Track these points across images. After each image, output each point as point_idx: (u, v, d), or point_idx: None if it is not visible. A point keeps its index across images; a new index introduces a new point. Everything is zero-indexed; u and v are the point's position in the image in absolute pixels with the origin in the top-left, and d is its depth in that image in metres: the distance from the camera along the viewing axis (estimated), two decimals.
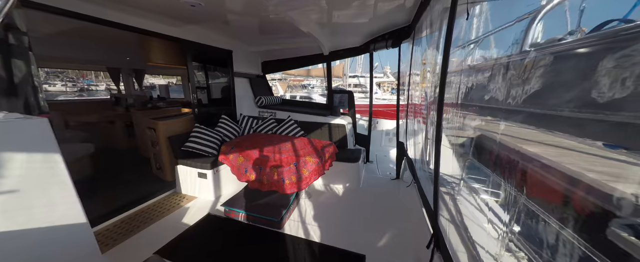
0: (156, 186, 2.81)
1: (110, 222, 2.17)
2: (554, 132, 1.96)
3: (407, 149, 2.81)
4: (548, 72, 0.99)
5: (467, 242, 1.31)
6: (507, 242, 1.28)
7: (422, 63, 2.30)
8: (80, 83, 27.97)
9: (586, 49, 0.84)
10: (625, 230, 1.76)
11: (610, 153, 2.03)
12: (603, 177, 2.25)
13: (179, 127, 3.01)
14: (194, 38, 2.91)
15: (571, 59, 0.95)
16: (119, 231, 2.05)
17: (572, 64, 0.95)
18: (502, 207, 1.69)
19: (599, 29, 0.84)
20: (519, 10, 1.44)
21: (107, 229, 2.07)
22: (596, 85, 0.74)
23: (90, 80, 30.99)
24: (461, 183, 1.95)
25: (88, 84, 28.63)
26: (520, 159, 2.11)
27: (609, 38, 0.78)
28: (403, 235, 2.02)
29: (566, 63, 0.93)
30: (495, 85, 1.41)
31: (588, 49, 0.84)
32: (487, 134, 2.04)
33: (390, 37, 3.11)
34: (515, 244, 1.32)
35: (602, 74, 0.72)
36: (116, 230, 2.07)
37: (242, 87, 4.13)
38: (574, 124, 0.89)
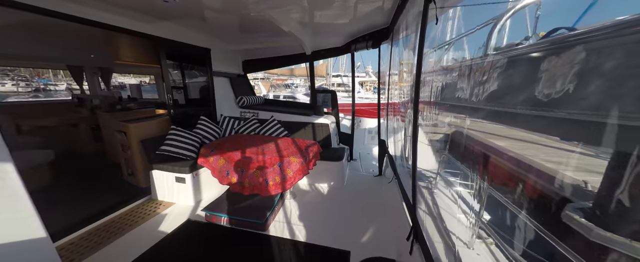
0: (128, 193, 2.62)
1: (76, 235, 1.98)
2: (517, 128, 2.15)
3: (388, 147, 2.91)
4: (505, 74, 1.09)
5: (442, 233, 1.40)
6: (477, 229, 1.39)
7: (400, 64, 2.40)
8: (36, 83, 25.13)
9: (537, 53, 0.94)
10: (577, 213, 1.98)
11: (565, 145, 2.26)
12: (559, 166, 2.50)
13: (153, 130, 2.84)
14: (168, 35, 2.75)
15: (524, 63, 1.06)
16: (86, 244, 1.89)
17: (524, 67, 1.05)
18: (473, 197, 1.83)
19: (549, 36, 0.94)
20: (487, 15, 1.56)
21: (72, 243, 1.90)
22: (540, 85, 0.84)
23: (47, 79, 27.98)
24: (438, 177, 2.08)
25: (45, 84, 25.81)
26: (490, 152, 2.29)
27: (556, 44, 0.88)
28: (385, 229, 2.10)
29: (520, 66, 1.04)
30: (463, 85, 1.52)
31: (538, 54, 0.94)
32: (459, 130, 2.19)
33: (370, 38, 3.20)
34: (485, 231, 1.43)
35: (547, 76, 0.82)
36: (83, 243, 1.90)
37: (222, 87, 3.99)
38: (523, 120, 1.00)
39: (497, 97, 1.13)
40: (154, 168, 2.58)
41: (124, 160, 2.93)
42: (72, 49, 3.65)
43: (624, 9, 0.79)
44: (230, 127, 3.60)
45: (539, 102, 0.82)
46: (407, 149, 2.52)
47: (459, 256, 1.16)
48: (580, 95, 0.73)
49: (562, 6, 1.07)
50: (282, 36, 3.54)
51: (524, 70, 0.97)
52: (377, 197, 2.73)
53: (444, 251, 1.19)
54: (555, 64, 0.77)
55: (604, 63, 0.73)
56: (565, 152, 2.54)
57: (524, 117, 1.01)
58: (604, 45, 0.70)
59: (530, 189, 2.91)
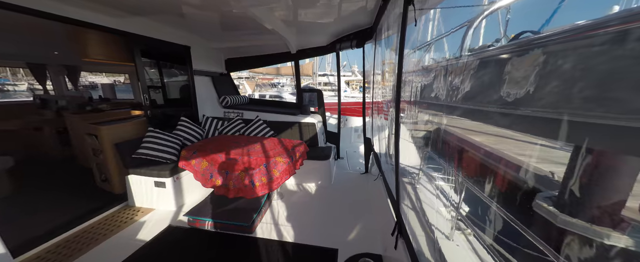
0: (102, 200, 2.45)
1: (42, 248, 1.82)
2: (490, 125, 2.27)
3: (374, 145, 2.97)
4: (477, 75, 1.16)
5: (425, 226, 1.45)
6: (456, 222, 1.47)
7: (383, 63, 2.45)
8: None
9: (504, 55, 1.01)
10: (545, 201, 2.14)
11: (536, 139, 2.41)
12: (530, 159, 2.68)
13: (128, 132, 2.67)
14: (142, 32, 2.59)
15: (493, 64, 1.13)
16: (54, 258, 1.74)
17: (493, 68, 1.12)
18: (453, 191, 1.92)
19: (516, 39, 1.01)
20: (464, 17, 1.64)
21: (38, 257, 1.74)
22: (506, 86, 0.91)
23: (4, 78, 25.41)
24: (420, 173, 2.16)
25: (2, 83, 23.40)
26: (467, 147, 2.42)
27: (521, 47, 0.94)
28: (372, 226, 2.14)
29: (490, 67, 1.11)
30: (440, 84, 1.60)
31: (505, 56, 1.01)
32: (439, 127, 2.29)
33: (355, 37, 3.23)
34: (464, 223, 1.51)
35: (511, 77, 0.88)
36: (50, 257, 1.75)
37: (203, 86, 3.84)
38: (493, 118, 1.06)
39: (471, 97, 1.20)
40: (131, 173, 2.43)
41: (95, 165, 2.73)
42: (31, 45, 3.32)
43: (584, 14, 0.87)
44: (213, 128, 3.48)
45: (505, 101, 0.88)
46: (391, 147, 2.58)
47: (439, 247, 1.22)
48: (539, 95, 0.79)
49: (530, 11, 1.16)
50: (266, 34, 3.47)
51: (493, 71, 1.04)
52: (364, 195, 2.78)
53: (426, 244, 1.24)
54: (519, 65, 0.83)
55: (559, 65, 0.80)
56: (535, 146, 2.72)
57: (494, 115, 1.08)
58: (559, 48, 0.77)
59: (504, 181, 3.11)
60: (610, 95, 0.69)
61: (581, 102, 0.74)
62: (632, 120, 0.64)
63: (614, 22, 0.67)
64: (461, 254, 1.36)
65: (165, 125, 2.89)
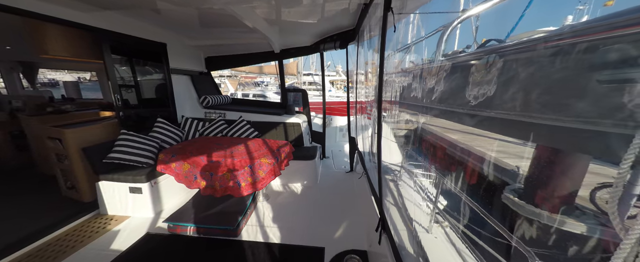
0: (69, 209, 2.25)
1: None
2: (461, 123, 2.42)
3: (358, 143, 3.04)
4: (449, 78, 1.24)
5: (406, 221, 1.52)
6: (434, 215, 1.56)
7: (366, 64, 2.51)
8: None
9: (472, 61, 1.09)
10: (512, 193, 2.34)
11: (502, 136, 2.61)
12: (499, 155, 2.92)
13: (98, 135, 2.47)
14: (113, 27, 2.41)
15: (462, 69, 1.22)
16: None
17: (461, 72, 1.21)
18: (432, 186, 2.03)
19: (483, 46, 1.10)
20: (441, 22, 1.74)
21: None
22: (471, 89, 1.00)
23: None
24: (401, 170, 2.25)
25: None
26: (444, 144, 2.56)
27: (486, 54, 1.03)
28: (357, 223, 2.20)
29: (459, 72, 1.19)
30: (417, 85, 1.69)
31: (472, 62, 1.10)
32: (418, 126, 2.41)
33: (338, 38, 3.27)
34: (441, 216, 1.61)
35: (477, 81, 0.97)
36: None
37: (182, 86, 3.67)
38: (462, 119, 1.16)
39: (444, 99, 1.28)
40: (101, 179, 2.26)
41: (60, 171, 2.49)
42: None
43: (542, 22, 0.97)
44: (193, 129, 3.34)
45: (471, 103, 0.96)
46: (374, 145, 2.66)
47: (419, 240, 1.29)
48: (501, 98, 0.88)
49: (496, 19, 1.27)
50: (248, 33, 3.39)
51: (462, 75, 1.12)
52: (349, 193, 2.84)
53: (407, 238, 1.30)
54: (482, 71, 0.91)
55: (516, 72, 0.89)
56: (505, 143, 2.96)
57: (463, 116, 1.16)
58: (518, 57, 0.85)
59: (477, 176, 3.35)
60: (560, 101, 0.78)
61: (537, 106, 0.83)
62: (578, 122, 0.73)
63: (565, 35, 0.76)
64: (439, 245, 1.44)
65: (140, 128, 2.72)
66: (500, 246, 2.24)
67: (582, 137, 0.82)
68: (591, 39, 0.69)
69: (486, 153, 3.82)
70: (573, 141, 0.90)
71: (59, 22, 1.98)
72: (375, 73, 2.20)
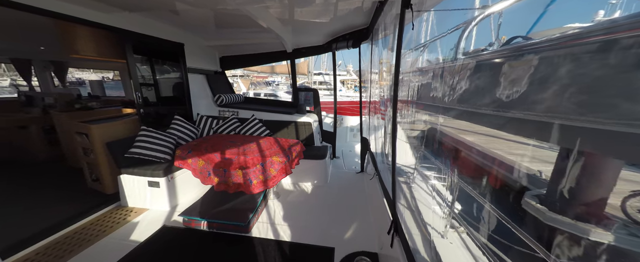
0: (93, 201, 2.40)
1: (31, 250, 1.77)
2: (482, 124, 2.34)
3: (370, 144, 3.00)
4: (472, 77, 1.19)
5: (420, 225, 1.49)
6: (450, 220, 1.51)
7: (380, 63, 2.47)
8: None
9: (498, 59, 1.04)
10: (533, 199, 2.21)
11: (524, 139, 2.50)
12: (519, 158, 2.77)
13: (120, 131, 2.61)
14: (135, 28, 2.53)
15: (487, 67, 1.16)
16: (44, 260, 1.69)
17: (487, 71, 1.16)
18: (447, 190, 1.97)
19: (508, 43, 1.04)
20: (459, 19, 1.68)
21: (27, 259, 1.69)
22: (500, 88, 0.94)
23: None
24: (415, 172, 2.20)
25: None
26: (460, 147, 2.47)
27: (513, 52, 0.98)
28: (368, 225, 2.17)
29: (484, 70, 1.14)
30: (436, 85, 1.64)
31: (498, 60, 1.04)
32: (434, 127, 2.34)
33: (351, 37, 3.24)
34: (457, 221, 1.56)
35: (504, 80, 0.92)
36: (40, 259, 1.70)
37: (198, 85, 3.79)
38: (487, 120, 1.10)
39: (466, 99, 1.23)
40: (123, 173, 2.39)
41: (86, 165, 2.66)
42: (16, 40, 3.19)
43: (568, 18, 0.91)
44: (208, 127, 3.44)
45: (498, 103, 0.91)
46: (387, 146, 2.62)
47: (434, 246, 1.25)
48: (531, 98, 0.83)
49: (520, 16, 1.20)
50: (261, 32, 3.45)
51: (487, 74, 1.07)
52: (360, 194, 2.81)
53: (422, 242, 1.27)
54: (511, 69, 0.86)
55: (550, 70, 0.83)
56: (524, 146, 2.81)
57: (487, 117, 1.11)
58: (550, 54, 0.80)
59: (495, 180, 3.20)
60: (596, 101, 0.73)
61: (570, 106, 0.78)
62: (614, 124, 0.68)
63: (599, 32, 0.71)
64: (455, 251, 1.40)
65: (159, 124, 2.84)
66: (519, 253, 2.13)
67: (615, 141, 0.77)
68: (630, 35, 0.63)
69: (505, 156, 3.65)
70: (605, 145, 0.84)
71: (87, 23, 2.10)
72: (389, 72, 2.17)
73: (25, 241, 1.80)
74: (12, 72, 20.74)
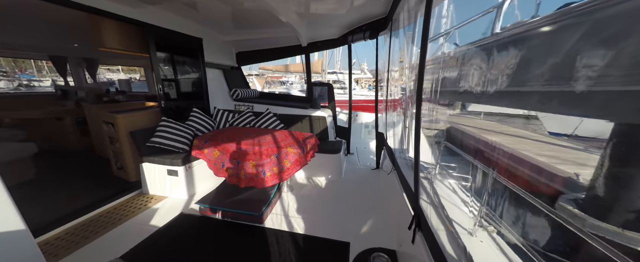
0: (117, 187, 2.51)
1: (61, 230, 1.88)
2: (508, 123, 2.14)
3: (387, 139, 2.88)
4: (519, 52, 1.06)
5: (444, 221, 1.37)
6: (479, 219, 1.38)
7: (400, 60, 2.35)
8: (18, 79, 24.01)
9: (551, 27, 0.90)
10: (570, 203, 1.98)
11: (555, 140, 2.28)
12: (551, 160, 2.53)
13: (143, 121, 2.71)
14: (157, 22, 2.62)
15: (538, 38, 1.02)
16: (72, 239, 1.79)
17: (540, 42, 1.02)
18: (471, 189, 1.81)
19: None
20: (481, 5, 1.53)
21: (58, 238, 1.80)
22: (561, 60, 0.81)
23: (31, 75, 26.85)
24: (437, 168, 2.06)
25: (29, 80, 24.77)
26: (486, 145, 2.27)
27: (571, 15, 0.83)
28: (385, 221, 2.07)
29: (533, 41, 1.00)
30: (470, 71, 1.51)
31: (552, 27, 0.90)
32: (456, 126, 2.18)
33: (368, 28, 3.14)
34: (485, 220, 1.42)
35: (566, 50, 0.79)
36: (69, 238, 1.80)
37: (215, 79, 3.87)
38: (541, 99, 0.96)
39: (509, 78, 1.10)
40: (144, 161, 2.48)
41: (112, 153, 2.80)
42: (53, 36, 3.45)
43: None
44: (224, 120, 3.50)
45: (556, 76, 0.78)
46: (405, 141, 2.50)
47: (462, 243, 1.14)
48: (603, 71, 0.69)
49: None
50: (277, 27, 3.44)
51: (539, 46, 0.94)
52: (376, 190, 2.71)
53: (447, 239, 1.16)
54: (570, 38, 0.73)
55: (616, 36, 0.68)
56: (557, 147, 2.55)
57: (538, 96, 0.96)
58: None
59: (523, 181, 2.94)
60: None
61: None
62: None
63: None
64: (486, 250, 1.27)
65: (178, 117, 2.92)
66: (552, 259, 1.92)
67: None
68: None
69: (534, 157, 3.34)
70: None
71: (114, 17, 2.20)
72: (411, 63, 2.05)
73: (57, 221, 1.91)
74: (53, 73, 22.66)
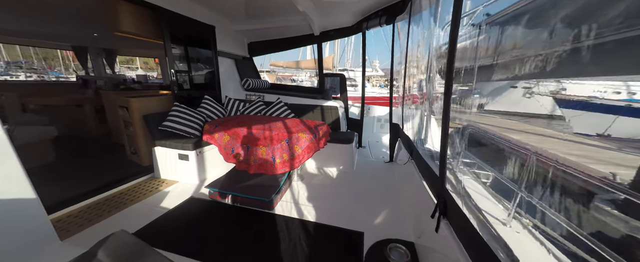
0: (131, 170, 2.53)
1: (75, 208, 1.90)
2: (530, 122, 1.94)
3: (403, 127, 2.72)
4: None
5: (472, 209, 1.23)
6: (513, 210, 1.23)
7: (422, 36, 2.19)
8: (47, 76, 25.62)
9: None
10: (607, 204, 1.75)
11: (584, 139, 2.03)
12: (582, 160, 2.24)
13: (156, 106, 2.72)
14: (171, 7, 2.61)
15: None
16: (86, 216, 1.80)
17: None
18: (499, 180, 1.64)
19: None
20: None
21: (71, 215, 1.81)
22: None
23: (59, 72, 28.51)
24: (460, 156, 1.90)
25: (57, 77, 26.33)
26: (507, 143, 2.06)
27: None
28: (400, 211, 1.95)
29: None
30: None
31: None
32: (473, 124, 2.02)
33: (384, 13, 2.97)
34: (518, 212, 1.27)
35: None
36: (83, 215, 1.81)
37: (227, 68, 3.86)
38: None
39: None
40: (157, 145, 2.48)
41: (127, 137, 2.84)
42: (74, 24, 3.54)
43: None
44: (235, 109, 3.48)
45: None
46: (423, 131, 2.34)
47: (497, 232, 1.01)
48: None
49: None
50: (289, 15, 3.37)
51: None
52: (389, 182, 2.58)
53: (477, 227, 1.03)
54: None
55: None
56: (585, 146, 2.31)
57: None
58: None
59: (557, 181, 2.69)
60: None
61: None
62: None
63: None
64: (524, 242, 1.13)
65: (190, 105, 2.91)
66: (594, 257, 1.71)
67: None
68: None
69: (565, 157, 3.09)
70: None
71: None
72: (433, 48, 1.89)
73: (71, 199, 1.93)
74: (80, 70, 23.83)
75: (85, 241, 1.50)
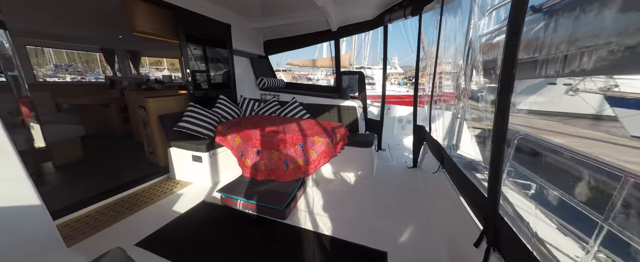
0: (148, 171, 2.54)
1: (92, 208, 1.90)
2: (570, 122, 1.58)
3: (431, 132, 2.44)
4: None
5: (530, 239, 0.98)
6: (595, 248, 0.96)
7: (460, 24, 1.90)
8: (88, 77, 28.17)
9: None
10: None
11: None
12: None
13: (172, 106, 2.71)
14: (186, 5, 2.57)
15: None
16: (101, 217, 1.80)
17: None
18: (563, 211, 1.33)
19: None
20: None
21: (88, 216, 1.81)
22: None
23: (97, 73, 31.15)
24: (506, 169, 1.62)
25: (96, 78, 28.80)
26: (582, 158, 1.67)
27: None
28: (431, 229, 1.70)
29: None
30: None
31: None
32: (528, 131, 1.69)
33: (409, 3, 2.68)
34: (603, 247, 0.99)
35: None
36: (98, 216, 1.81)
37: (242, 68, 3.80)
38: None
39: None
40: (172, 145, 2.46)
41: (145, 137, 2.87)
42: (101, 28, 3.68)
43: None
44: (250, 109, 3.40)
45: None
46: (456, 136, 2.06)
47: None
48: None
49: None
50: (306, 11, 3.20)
51: None
52: (415, 191, 2.32)
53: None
54: None
55: None
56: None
57: None
58: None
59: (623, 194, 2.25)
60: None
61: None
62: None
63: None
64: None
65: (206, 104, 2.87)
66: None
67: None
68: None
69: (624, 165, 2.59)
70: None
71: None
72: (483, 49, 1.61)
73: (87, 200, 1.93)
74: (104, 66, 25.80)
75: (92, 248, 1.46)
